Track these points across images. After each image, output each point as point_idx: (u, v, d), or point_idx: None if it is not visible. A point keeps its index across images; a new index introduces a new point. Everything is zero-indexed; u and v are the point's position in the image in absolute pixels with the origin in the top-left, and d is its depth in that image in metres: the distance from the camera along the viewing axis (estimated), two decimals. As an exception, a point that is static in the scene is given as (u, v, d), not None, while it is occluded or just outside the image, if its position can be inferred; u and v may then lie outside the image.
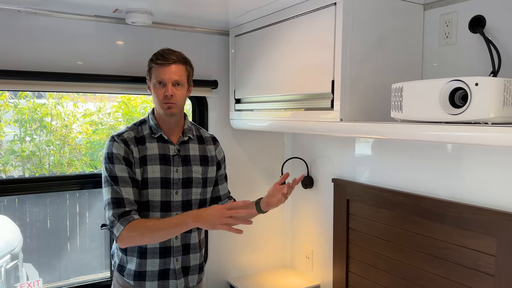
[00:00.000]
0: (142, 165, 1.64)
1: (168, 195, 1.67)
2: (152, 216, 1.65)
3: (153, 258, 1.68)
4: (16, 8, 1.85)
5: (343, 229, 2.17)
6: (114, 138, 1.66)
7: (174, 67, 1.64)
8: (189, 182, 1.72)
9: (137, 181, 1.63)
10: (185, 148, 1.74)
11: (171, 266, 1.71)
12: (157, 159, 1.66)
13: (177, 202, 1.69)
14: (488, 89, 1.15)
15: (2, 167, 3.33)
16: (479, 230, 1.56)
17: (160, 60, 1.63)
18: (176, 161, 1.70)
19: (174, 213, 1.68)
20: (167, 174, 1.67)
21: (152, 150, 1.67)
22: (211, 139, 1.87)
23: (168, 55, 1.64)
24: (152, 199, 1.65)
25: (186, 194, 1.71)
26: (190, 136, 1.76)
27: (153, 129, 1.70)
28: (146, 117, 1.75)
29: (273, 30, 1.98)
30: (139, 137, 1.68)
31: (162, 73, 1.63)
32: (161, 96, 1.64)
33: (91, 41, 2.04)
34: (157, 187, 1.65)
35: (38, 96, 3.36)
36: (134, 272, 1.68)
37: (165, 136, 1.70)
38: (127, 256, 1.70)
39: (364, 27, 1.64)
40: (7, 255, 2.69)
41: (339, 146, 2.27)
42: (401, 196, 1.85)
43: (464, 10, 1.62)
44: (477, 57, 1.58)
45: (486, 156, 1.58)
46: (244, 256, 2.60)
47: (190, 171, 1.72)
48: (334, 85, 1.63)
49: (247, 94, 2.24)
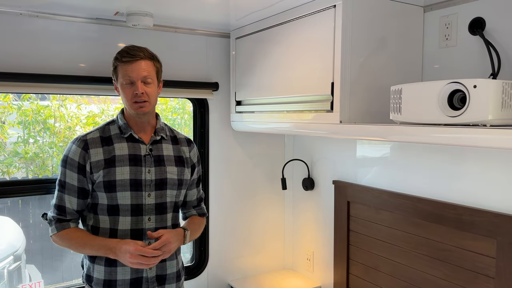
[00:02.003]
0: (109, 167, 1.56)
1: (139, 198, 1.58)
2: (122, 222, 1.58)
3: (124, 266, 1.57)
4: (18, 11, 1.86)
5: (343, 231, 2.17)
6: (75, 140, 1.60)
7: (142, 63, 1.55)
8: (163, 184, 1.63)
9: (86, 191, 1.59)
10: (158, 148, 1.66)
11: (144, 274, 1.62)
12: (126, 160, 1.58)
13: (149, 205, 1.61)
14: (487, 91, 1.15)
15: (6, 168, 3.34)
16: (479, 232, 1.55)
17: (126, 57, 1.54)
18: (148, 161, 1.62)
19: (147, 217, 1.60)
20: (137, 175, 1.58)
21: (121, 150, 1.59)
22: (186, 141, 1.78)
23: (134, 51, 1.56)
24: (122, 203, 1.57)
25: (159, 196, 1.62)
26: (163, 136, 1.68)
27: (122, 128, 1.62)
28: (115, 117, 1.68)
29: (273, 32, 1.99)
30: (105, 137, 1.60)
31: (129, 71, 1.54)
32: (130, 95, 1.56)
33: (93, 43, 2.05)
34: (126, 189, 1.56)
35: (41, 98, 3.37)
36: (104, 281, 1.59)
37: (135, 135, 1.62)
38: (94, 264, 1.61)
39: (364, 29, 1.64)
40: (10, 257, 2.70)
41: (340, 148, 2.27)
42: (402, 198, 1.85)
43: (464, 12, 1.62)
44: (477, 59, 1.58)
45: (485, 158, 1.57)
46: (245, 258, 2.60)
47: (164, 171, 1.64)
48: (334, 87, 1.63)
49: (248, 96, 2.25)
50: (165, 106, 3.36)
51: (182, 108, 3.57)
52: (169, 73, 2.22)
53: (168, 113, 3.46)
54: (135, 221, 1.60)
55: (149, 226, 1.61)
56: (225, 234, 2.52)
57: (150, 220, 1.62)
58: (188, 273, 2.43)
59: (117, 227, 1.59)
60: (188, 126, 3.15)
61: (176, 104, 3.52)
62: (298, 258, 2.64)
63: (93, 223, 1.63)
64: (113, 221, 1.59)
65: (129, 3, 1.82)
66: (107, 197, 1.57)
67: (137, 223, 1.60)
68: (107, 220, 1.60)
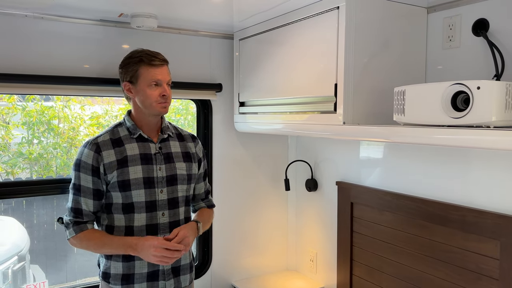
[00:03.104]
0: (122, 167, 1.62)
1: (152, 195, 1.65)
2: (138, 218, 1.64)
3: (141, 260, 1.64)
4: (23, 13, 1.88)
5: (347, 232, 2.17)
6: (86, 144, 1.65)
7: (166, 68, 1.68)
8: (174, 180, 1.70)
9: (101, 192, 1.64)
10: (166, 146, 1.73)
11: (160, 267, 1.68)
12: (138, 159, 1.65)
13: (162, 201, 1.68)
14: (490, 93, 1.15)
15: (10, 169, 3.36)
16: (483, 233, 1.55)
17: (155, 61, 1.64)
18: (158, 159, 1.68)
19: (161, 212, 1.67)
20: (149, 173, 1.65)
21: (132, 150, 1.65)
22: (190, 137, 1.85)
23: (158, 55, 1.66)
24: (137, 200, 1.63)
25: (171, 192, 1.70)
26: (169, 134, 1.76)
27: (131, 129, 1.69)
28: (122, 120, 1.73)
29: (277, 33, 1.99)
30: (115, 139, 1.66)
31: (158, 74, 1.63)
32: (156, 97, 1.63)
33: (98, 45, 2.07)
34: (140, 187, 1.63)
35: (45, 99, 3.39)
36: (122, 276, 1.65)
37: (144, 135, 1.69)
38: (111, 261, 1.67)
39: (367, 31, 1.64)
40: (14, 257, 2.71)
41: (343, 149, 2.27)
42: (405, 200, 1.85)
43: (467, 13, 1.62)
44: (480, 60, 1.58)
45: (489, 160, 1.57)
46: (248, 259, 2.60)
47: (174, 168, 1.71)
48: (337, 88, 1.63)
49: (251, 97, 2.25)
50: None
51: (185, 109, 3.58)
52: (173, 74, 2.22)
53: (171, 114, 3.47)
54: (150, 217, 1.66)
55: (163, 221, 1.68)
56: (228, 235, 2.52)
57: (164, 215, 1.68)
58: (191, 274, 2.44)
59: (133, 224, 1.65)
60: (191, 127, 3.17)
61: (179, 105, 3.53)
62: (301, 259, 2.65)
63: (108, 222, 1.68)
64: (129, 218, 1.64)
65: (133, 5, 1.83)
66: (122, 196, 1.63)
67: (152, 219, 1.66)
68: (122, 218, 1.65)
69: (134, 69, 1.65)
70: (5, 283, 2.62)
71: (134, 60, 1.65)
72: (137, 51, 1.67)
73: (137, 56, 1.65)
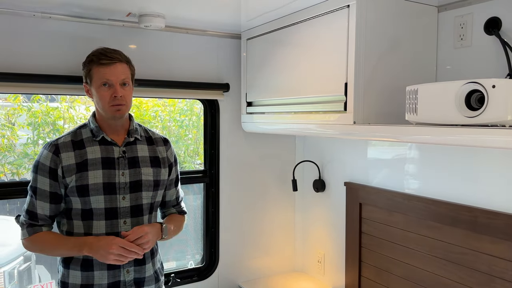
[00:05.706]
0: (81, 171, 1.54)
1: (113, 201, 1.57)
2: (97, 226, 1.56)
3: (101, 270, 1.56)
4: (31, 13, 1.87)
5: (355, 233, 2.15)
6: (46, 145, 1.58)
7: (119, 66, 1.55)
8: (138, 186, 1.61)
9: (59, 196, 1.56)
10: (132, 150, 1.64)
11: (121, 278, 1.59)
12: (99, 163, 1.56)
13: (124, 208, 1.59)
14: (506, 91, 1.13)
15: (16, 170, 3.36)
16: (495, 234, 1.53)
17: (104, 59, 1.53)
18: (121, 163, 1.60)
19: (122, 220, 1.58)
20: (110, 178, 1.56)
21: (94, 153, 1.57)
22: (162, 140, 1.76)
23: (111, 54, 1.55)
24: (96, 207, 1.55)
25: (135, 198, 1.61)
26: (137, 137, 1.66)
27: (94, 132, 1.60)
28: (87, 121, 1.65)
29: (285, 33, 1.98)
30: (77, 141, 1.58)
31: (108, 74, 1.52)
32: (108, 98, 1.54)
33: (105, 44, 2.01)
34: (99, 193, 1.54)
35: (51, 99, 3.39)
36: (81, 286, 1.56)
37: (107, 138, 1.60)
38: (69, 270, 1.59)
39: (378, 29, 1.62)
40: (20, 257, 2.71)
41: (352, 149, 2.25)
42: (415, 200, 1.83)
43: (479, 11, 1.60)
44: (492, 59, 1.56)
45: (502, 160, 1.55)
46: (255, 260, 2.59)
47: (139, 173, 1.62)
48: (348, 87, 1.62)
49: (259, 97, 2.24)
50: (173, 108, 3.36)
51: (190, 109, 3.57)
52: (180, 74, 2.23)
53: (176, 115, 3.47)
54: (110, 225, 1.58)
55: (125, 229, 1.59)
56: (235, 235, 2.51)
57: (125, 223, 1.60)
58: (198, 275, 2.43)
59: (92, 232, 1.57)
60: (196, 127, 3.15)
61: (184, 105, 3.53)
62: (309, 261, 2.63)
63: (67, 228, 1.61)
64: (87, 225, 1.57)
65: (141, 5, 1.82)
66: (80, 202, 1.55)
67: (112, 227, 1.58)
68: (81, 225, 1.58)
69: (87, 69, 1.57)
70: (11, 284, 2.61)
71: (87, 60, 1.58)
72: (94, 50, 1.58)
73: (90, 55, 1.57)
